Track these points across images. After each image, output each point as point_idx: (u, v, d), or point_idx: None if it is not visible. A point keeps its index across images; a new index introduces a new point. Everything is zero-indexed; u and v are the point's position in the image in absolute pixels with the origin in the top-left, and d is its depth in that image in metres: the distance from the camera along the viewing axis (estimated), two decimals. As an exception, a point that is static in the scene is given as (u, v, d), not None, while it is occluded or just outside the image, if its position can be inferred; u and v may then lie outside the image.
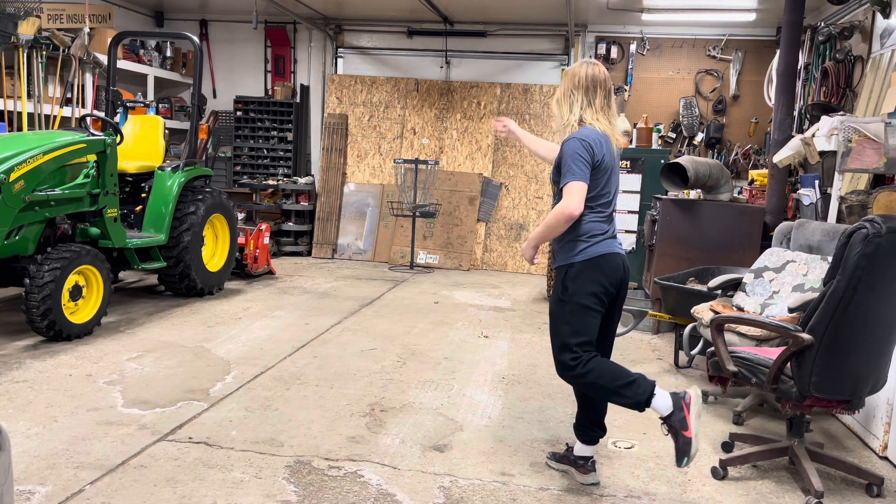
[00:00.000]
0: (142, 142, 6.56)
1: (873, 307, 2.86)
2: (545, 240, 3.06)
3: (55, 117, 7.37)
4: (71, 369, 4.40)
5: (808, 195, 5.24)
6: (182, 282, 6.35)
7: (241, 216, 9.02)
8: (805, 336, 2.91)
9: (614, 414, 4.06)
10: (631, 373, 2.92)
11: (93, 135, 5.59)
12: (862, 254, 2.75)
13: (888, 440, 3.57)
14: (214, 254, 6.79)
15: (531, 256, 3.13)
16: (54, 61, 7.36)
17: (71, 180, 5.32)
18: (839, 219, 4.75)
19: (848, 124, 4.52)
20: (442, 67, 9.70)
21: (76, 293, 5.02)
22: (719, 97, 9.04)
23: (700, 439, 2.81)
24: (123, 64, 8.33)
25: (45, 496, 2.86)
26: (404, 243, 9.08)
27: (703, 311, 4.40)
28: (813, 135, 4.91)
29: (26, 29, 6.79)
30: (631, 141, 7.79)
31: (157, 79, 9.33)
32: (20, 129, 6.95)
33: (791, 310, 4.04)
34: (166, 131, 6.89)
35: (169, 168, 6.26)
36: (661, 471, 3.36)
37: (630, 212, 7.37)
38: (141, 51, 9.05)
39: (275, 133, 9.83)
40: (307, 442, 3.48)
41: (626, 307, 5.56)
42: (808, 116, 6.69)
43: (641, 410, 2.91)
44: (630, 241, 7.33)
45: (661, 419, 2.88)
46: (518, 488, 3.13)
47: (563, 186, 2.88)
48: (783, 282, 4.39)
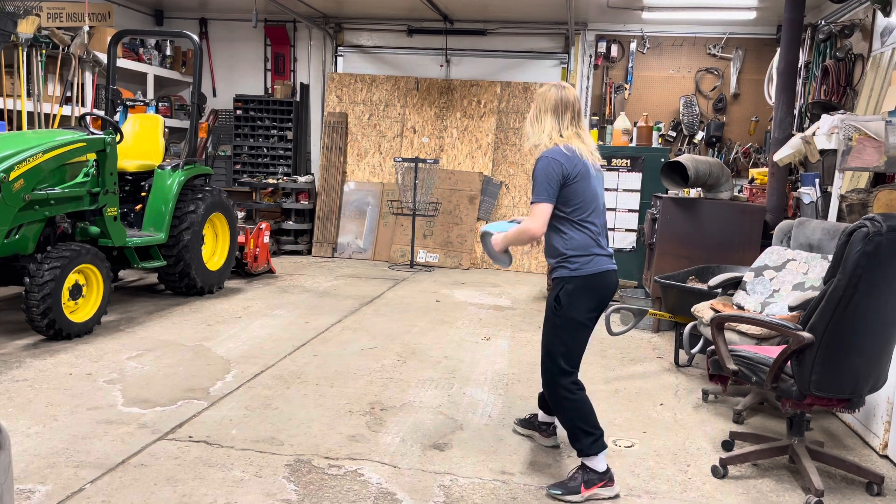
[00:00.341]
0: (142, 140, 6.55)
1: (874, 306, 2.86)
2: (509, 245, 3.21)
3: (55, 116, 7.37)
4: (71, 368, 4.40)
5: (809, 194, 5.23)
6: (182, 281, 6.35)
7: (241, 215, 9.01)
8: (805, 335, 2.91)
9: (615, 413, 4.07)
10: (598, 426, 3.09)
11: (92, 133, 5.58)
12: (862, 252, 2.75)
13: (888, 439, 3.57)
14: (214, 252, 6.79)
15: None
16: (54, 60, 7.35)
17: (71, 179, 5.32)
18: (839, 217, 4.75)
19: (848, 123, 4.51)
20: (442, 66, 9.69)
21: (76, 292, 5.02)
22: (720, 95, 9.03)
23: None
24: (123, 62, 8.33)
25: (46, 495, 2.86)
26: (404, 242, 9.07)
27: (704, 310, 4.40)
28: (813, 133, 4.91)
29: (26, 27, 6.78)
30: (631, 139, 7.78)
31: (157, 77, 9.33)
32: (20, 128, 6.95)
33: (791, 308, 4.04)
34: (166, 130, 6.88)
35: (169, 167, 6.26)
36: (662, 469, 3.36)
37: (630, 210, 7.36)
38: (141, 49, 9.05)
39: (275, 132, 9.83)
40: (307, 441, 3.48)
41: (626, 306, 5.56)
42: (809, 115, 6.69)
43: (578, 456, 3.11)
44: (630, 240, 7.32)
45: (582, 463, 3.08)
46: (518, 487, 3.13)
47: (531, 205, 3.03)
48: (783, 280, 4.39)
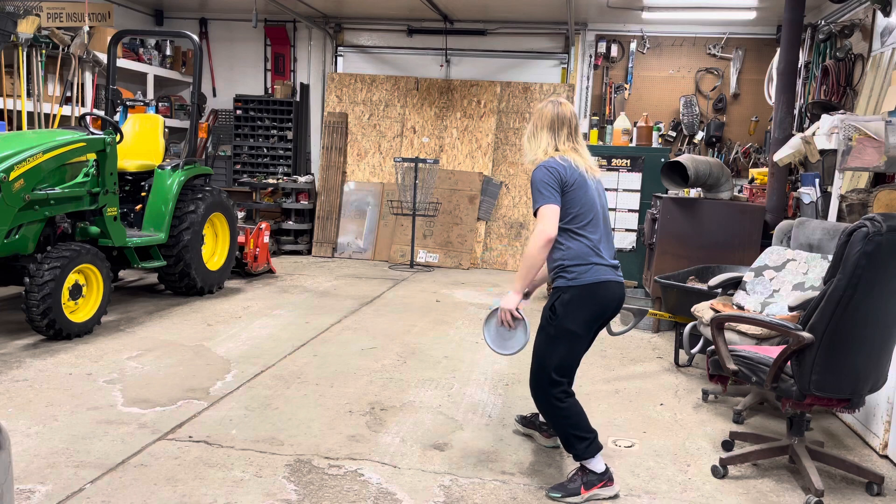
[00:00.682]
0: (141, 140, 6.55)
1: (874, 306, 2.86)
2: (531, 274, 3.00)
3: (55, 116, 7.37)
4: (71, 368, 4.40)
5: (809, 194, 5.23)
6: (182, 280, 6.35)
7: (241, 215, 9.02)
8: (805, 335, 2.91)
9: (615, 413, 4.07)
10: (591, 429, 3.05)
11: (92, 133, 5.58)
12: (862, 252, 2.75)
13: (888, 439, 3.57)
14: (214, 252, 6.79)
15: (514, 308, 3.05)
16: (54, 60, 7.35)
17: (71, 179, 5.32)
18: (839, 217, 4.75)
19: (848, 123, 4.51)
20: (442, 66, 9.69)
21: (76, 292, 5.01)
22: (719, 95, 9.03)
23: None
24: (123, 62, 8.33)
25: (46, 495, 2.86)
26: (404, 242, 9.07)
27: (704, 310, 4.40)
28: (813, 133, 4.91)
29: (26, 28, 6.78)
30: (631, 139, 7.78)
31: (157, 77, 9.33)
32: (20, 128, 6.95)
33: (791, 308, 4.04)
34: (166, 130, 6.88)
35: (169, 167, 6.25)
36: (662, 469, 3.36)
37: (630, 210, 7.37)
38: (141, 49, 9.05)
39: (275, 132, 9.83)
40: (307, 441, 3.48)
41: (626, 306, 5.56)
42: (809, 115, 6.69)
43: (576, 460, 3.08)
44: (630, 240, 7.33)
45: (580, 465, 3.05)
46: (518, 487, 3.13)
47: (536, 212, 2.96)
48: (783, 280, 4.39)
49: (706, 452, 3.58)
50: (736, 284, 4.63)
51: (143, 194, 6.29)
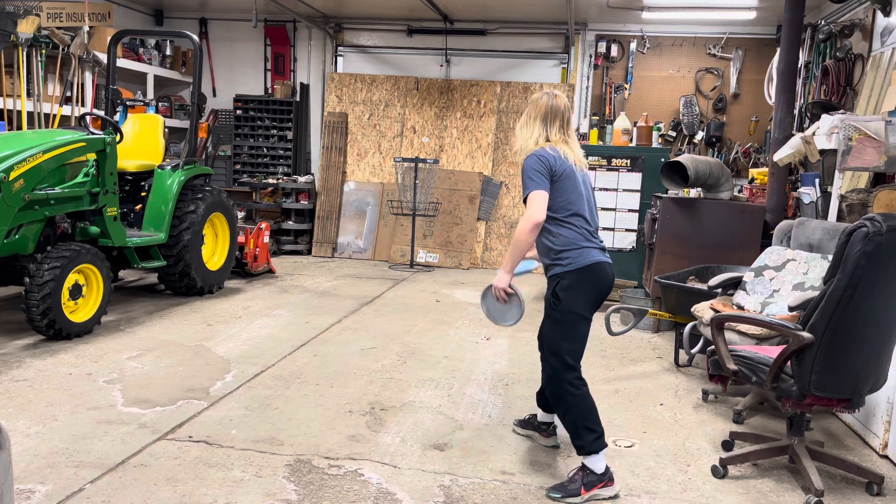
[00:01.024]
0: (141, 140, 6.55)
1: (874, 306, 2.86)
2: (518, 257, 3.10)
3: (55, 116, 7.37)
4: (71, 368, 4.40)
5: (809, 194, 5.23)
6: (182, 280, 6.35)
7: (241, 215, 9.02)
8: (805, 335, 2.91)
9: (615, 413, 4.07)
10: (600, 423, 3.09)
11: (92, 133, 5.58)
12: (862, 252, 2.75)
13: (888, 438, 3.57)
14: (214, 252, 6.79)
15: (506, 285, 3.14)
16: (54, 60, 7.35)
17: (71, 179, 5.32)
18: (839, 217, 4.75)
19: (848, 122, 4.51)
20: (442, 66, 9.69)
21: (76, 292, 5.01)
22: (719, 95, 9.03)
23: None
24: (123, 62, 8.33)
25: (46, 495, 2.86)
26: (404, 242, 9.07)
27: (704, 310, 4.40)
28: (813, 133, 4.91)
29: (26, 27, 6.78)
30: (631, 139, 7.77)
31: (157, 77, 9.33)
32: (20, 128, 6.95)
33: (791, 308, 4.04)
34: (166, 130, 6.88)
35: (169, 167, 6.25)
36: (662, 469, 3.36)
37: (630, 210, 7.36)
38: (140, 49, 9.05)
39: (275, 132, 9.83)
40: (307, 441, 3.48)
41: (627, 306, 5.56)
42: (809, 115, 6.69)
43: (578, 454, 3.10)
44: (630, 240, 7.32)
45: (581, 464, 3.06)
46: (518, 487, 3.13)
47: (525, 198, 3.03)
48: (783, 280, 4.39)
49: (706, 452, 3.58)
50: (736, 284, 4.63)
51: (143, 194, 6.29)
